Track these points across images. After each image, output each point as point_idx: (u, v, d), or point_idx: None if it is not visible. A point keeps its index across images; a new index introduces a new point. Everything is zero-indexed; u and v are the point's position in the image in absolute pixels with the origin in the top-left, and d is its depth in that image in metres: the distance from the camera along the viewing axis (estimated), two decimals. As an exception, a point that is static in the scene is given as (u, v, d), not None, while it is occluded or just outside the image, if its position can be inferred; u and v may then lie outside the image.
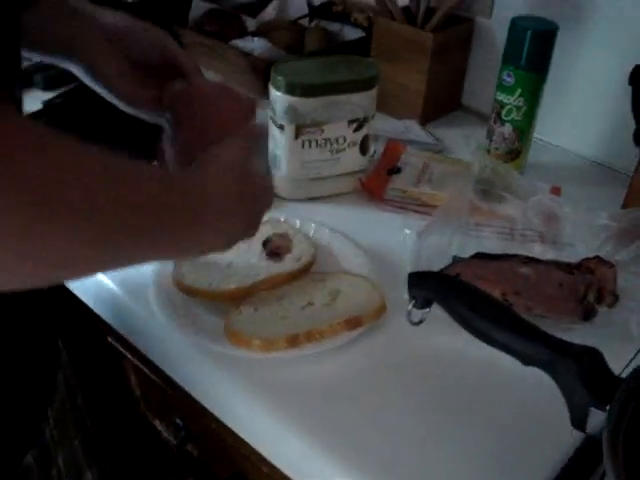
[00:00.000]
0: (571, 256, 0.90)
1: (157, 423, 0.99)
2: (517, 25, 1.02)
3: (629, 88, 0.90)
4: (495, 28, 1.22)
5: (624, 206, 0.99)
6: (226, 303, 0.80)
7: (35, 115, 1.15)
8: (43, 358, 0.76)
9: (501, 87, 1.06)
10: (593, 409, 0.54)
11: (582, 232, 0.95)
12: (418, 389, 0.74)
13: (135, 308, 0.83)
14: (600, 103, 1.15)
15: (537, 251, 0.92)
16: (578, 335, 0.79)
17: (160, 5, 1.53)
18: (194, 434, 0.91)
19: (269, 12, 1.49)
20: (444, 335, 0.74)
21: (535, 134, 1.12)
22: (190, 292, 0.80)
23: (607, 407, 0.53)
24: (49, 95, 1.24)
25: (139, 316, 0.82)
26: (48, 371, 0.78)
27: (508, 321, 0.59)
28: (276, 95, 0.95)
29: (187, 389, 0.81)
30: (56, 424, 0.77)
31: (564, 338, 0.59)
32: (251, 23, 1.44)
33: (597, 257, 0.89)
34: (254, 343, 0.74)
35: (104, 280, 0.86)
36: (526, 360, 0.58)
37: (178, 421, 0.92)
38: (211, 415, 0.80)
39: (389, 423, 0.70)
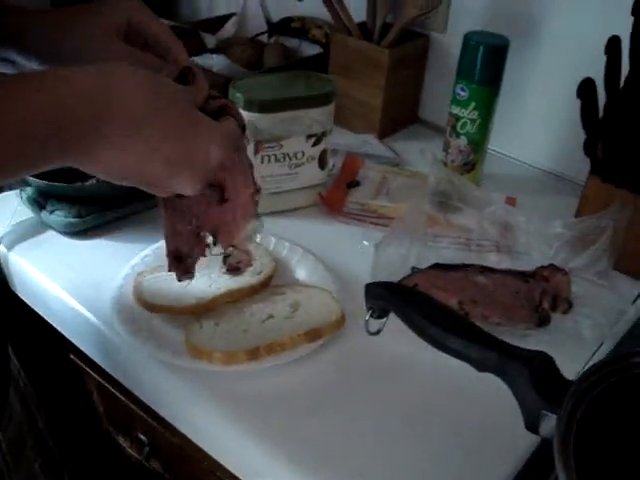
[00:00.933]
0: (526, 265, 0.93)
1: (121, 439, 0.99)
2: (470, 40, 1.05)
3: (578, 100, 0.93)
4: (450, 43, 1.25)
5: (577, 214, 1.02)
6: (187, 317, 0.80)
7: None
8: None
9: (455, 101, 1.09)
10: (546, 412, 0.56)
11: (537, 241, 0.97)
12: (378, 398, 0.75)
13: (96, 324, 0.83)
14: (552, 114, 1.18)
15: (493, 260, 0.95)
16: (534, 341, 0.82)
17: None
18: (158, 449, 0.92)
19: (228, 29, 1.51)
20: (402, 344, 0.75)
21: (490, 146, 1.15)
22: (151, 307, 0.80)
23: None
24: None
25: (100, 332, 0.82)
26: None
27: (460, 328, 0.61)
28: (234, 111, 0.96)
29: (150, 404, 0.82)
30: (10, 448, 0.76)
31: (520, 344, 0.60)
32: (210, 40, 1.45)
33: (551, 265, 0.91)
34: (215, 356, 0.74)
35: (65, 297, 0.86)
36: (479, 366, 0.59)
37: (142, 436, 0.92)
38: (174, 429, 0.80)
39: (351, 432, 0.71)
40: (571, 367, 0.65)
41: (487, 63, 1.05)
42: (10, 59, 0.71)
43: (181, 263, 0.72)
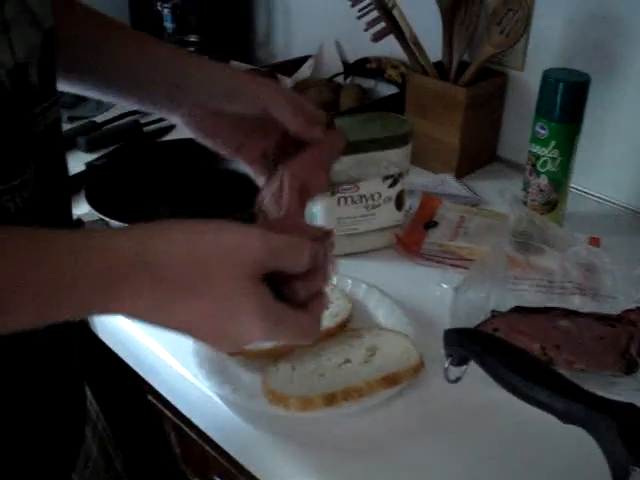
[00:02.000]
0: (612, 308, 0.89)
1: (197, 482, 0.99)
2: (549, 78, 1.03)
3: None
4: (528, 80, 1.23)
5: (664, 256, 0.98)
6: (263, 361, 0.80)
7: (78, 176, 1.18)
8: (68, 411, 0.75)
9: (535, 139, 1.07)
10: (635, 469, 0.53)
11: (622, 283, 0.94)
12: (457, 447, 0.73)
13: (174, 366, 0.84)
14: (636, 151, 1.14)
15: (577, 303, 0.91)
16: (621, 389, 0.79)
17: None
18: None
19: (304, 71, 1.52)
20: (483, 392, 0.74)
21: (572, 184, 1.12)
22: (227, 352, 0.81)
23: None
24: (92, 157, 1.28)
25: (178, 374, 0.83)
26: (74, 424, 0.78)
27: (545, 379, 0.58)
28: (311, 154, 0.96)
29: (225, 447, 0.82)
30: None
31: (607, 392, 0.58)
32: (287, 82, 1.47)
33: (638, 308, 0.87)
34: (292, 402, 0.74)
35: (144, 339, 0.87)
36: (565, 418, 0.57)
37: (217, 479, 0.92)
38: (248, 473, 0.79)
39: (429, 482, 0.70)
40: (663, 418, 0.62)
41: (567, 101, 1.03)
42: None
43: None
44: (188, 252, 0.52)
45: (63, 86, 0.71)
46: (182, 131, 0.77)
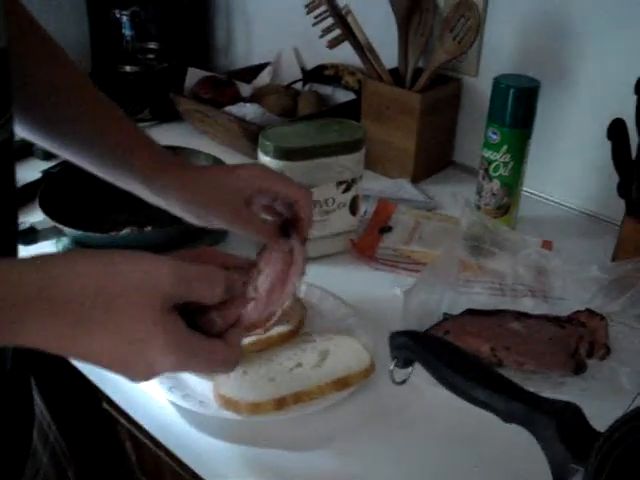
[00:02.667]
0: (562, 310, 0.91)
1: (153, 489, 0.99)
2: (500, 83, 1.05)
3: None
4: (481, 86, 1.25)
5: (614, 258, 1.00)
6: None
7: (33, 184, 1.17)
8: (14, 413, 0.74)
9: (487, 144, 1.08)
10: (575, 466, 0.54)
11: (573, 285, 0.95)
12: (406, 448, 0.74)
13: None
14: (586, 155, 1.16)
15: (528, 306, 0.93)
16: (569, 389, 0.80)
17: (159, 75, 1.57)
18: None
19: (263, 77, 1.53)
20: (431, 394, 0.75)
21: (524, 188, 1.13)
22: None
23: (587, 464, 0.52)
24: (48, 164, 1.27)
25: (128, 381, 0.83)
26: (20, 429, 0.76)
27: (486, 378, 0.59)
28: (265, 160, 0.97)
29: (177, 453, 0.81)
30: None
31: (556, 392, 0.59)
32: (246, 89, 1.48)
33: (588, 310, 0.89)
34: (242, 406, 0.74)
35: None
36: (506, 417, 0.57)
37: (173, 486, 0.91)
38: (202, 479, 0.79)
39: (378, 483, 0.70)
40: (609, 416, 0.63)
41: (518, 106, 1.04)
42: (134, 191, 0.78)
43: None
44: (93, 284, 0.51)
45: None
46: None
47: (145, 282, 0.53)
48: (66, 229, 1.01)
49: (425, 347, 0.63)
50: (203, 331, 0.56)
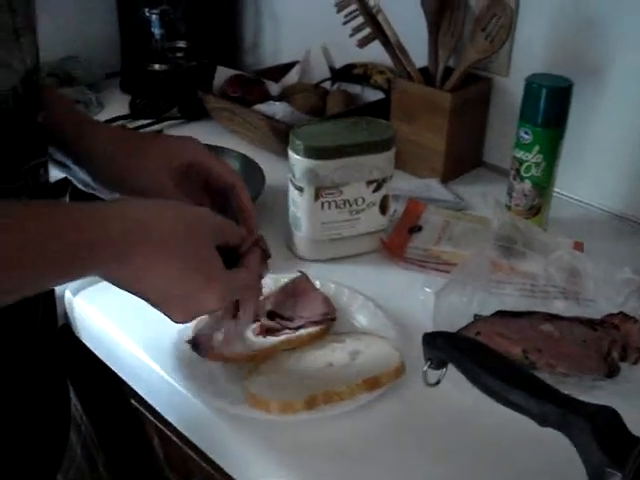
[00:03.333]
0: (594, 312, 0.89)
1: (180, 486, 0.99)
2: (532, 83, 1.04)
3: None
4: (512, 86, 1.23)
5: (647, 260, 0.98)
6: (245, 365, 0.80)
7: (59, 183, 1.18)
8: (53, 413, 0.76)
9: (519, 144, 1.07)
10: (611, 470, 0.53)
11: (605, 287, 0.94)
12: (437, 450, 0.73)
13: (156, 369, 0.83)
14: (620, 156, 1.15)
15: (559, 308, 0.92)
16: (602, 392, 0.79)
17: (188, 73, 1.58)
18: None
19: (292, 76, 1.53)
20: (462, 395, 0.74)
21: (556, 189, 1.12)
22: (209, 355, 0.81)
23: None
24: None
25: (160, 377, 0.83)
26: (58, 426, 0.78)
27: (522, 382, 0.59)
28: (295, 158, 0.97)
29: (206, 450, 0.82)
30: None
31: (588, 396, 0.58)
32: (274, 88, 1.48)
33: (621, 313, 0.88)
34: (272, 405, 0.74)
35: (127, 343, 0.88)
36: (541, 421, 0.57)
37: (200, 483, 0.92)
38: (230, 477, 0.79)
39: (408, 485, 0.70)
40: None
41: (550, 106, 1.03)
42: (66, 164, 0.76)
43: (198, 349, 0.81)
44: (155, 212, 0.60)
45: None
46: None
47: (198, 217, 0.63)
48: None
49: (459, 348, 0.62)
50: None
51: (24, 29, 0.58)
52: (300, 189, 0.97)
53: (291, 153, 0.98)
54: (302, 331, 0.84)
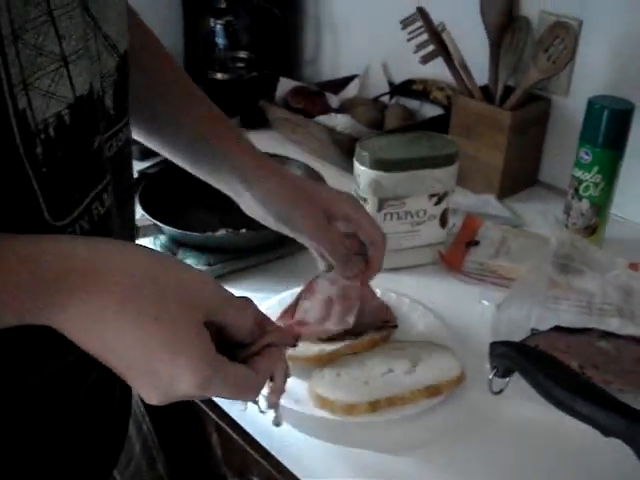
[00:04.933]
0: (650, 332, 0.91)
1: (237, 483, 1.02)
2: (594, 105, 1.05)
3: None
4: (571, 106, 1.25)
5: (703, 282, 0.99)
6: (309, 367, 0.83)
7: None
8: (114, 408, 0.77)
9: (579, 164, 1.09)
10: (674, 482, 0.55)
11: (661, 308, 0.95)
12: (497, 458, 0.75)
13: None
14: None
15: (615, 326, 0.93)
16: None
17: (249, 83, 1.62)
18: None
19: (351, 90, 1.56)
20: (523, 405, 0.76)
21: (612, 210, 1.14)
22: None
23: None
24: (144, 165, 1.32)
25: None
26: (118, 420, 0.79)
27: (588, 392, 0.61)
28: (361, 170, 1.00)
29: (268, 448, 0.84)
30: None
31: (642, 413, 0.60)
32: (334, 100, 1.51)
33: (676, 332, 0.89)
34: (337, 406, 0.76)
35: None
36: (606, 431, 0.59)
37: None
38: (291, 475, 0.82)
39: (468, 490, 0.72)
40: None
41: (612, 127, 1.05)
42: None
43: None
44: (143, 268, 0.51)
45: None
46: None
47: (194, 285, 0.52)
48: (165, 227, 1.05)
49: (526, 358, 0.64)
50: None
51: (76, 54, 0.54)
52: (364, 199, 1.00)
53: (357, 164, 1.01)
54: (364, 337, 0.87)
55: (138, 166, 1.30)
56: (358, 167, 1.00)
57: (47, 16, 0.50)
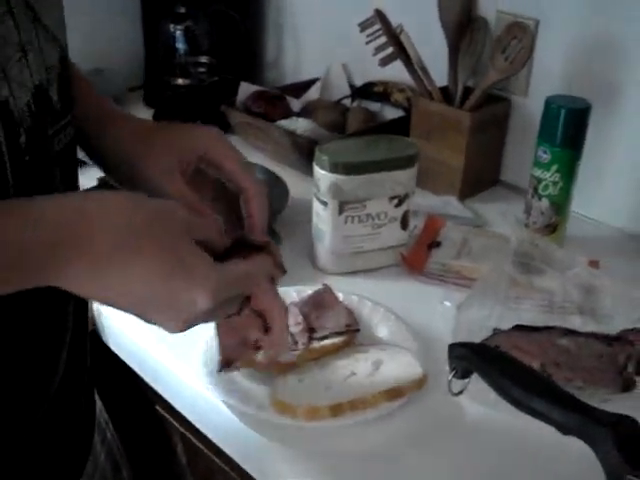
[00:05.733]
0: (610, 328, 0.91)
1: (203, 492, 1.01)
2: (551, 104, 1.06)
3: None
4: (531, 106, 1.26)
5: (662, 278, 1.00)
6: (270, 374, 0.82)
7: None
8: (79, 418, 0.77)
9: (537, 163, 1.10)
10: (632, 478, 0.55)
11: (621, 304, 0.96)
12: (458, 460, 0.75)
13: (183, 376, 0.86)
14: (635, 177, 1.17)
15: (576, 323, 0.94)
16: (617, 406, 0.80)
17: (210, 88, 1.61)
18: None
19: (313, 93, 1.56)
20: (484, 406, 0.76)
21: (573, 207, 1.15)
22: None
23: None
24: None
25: (186, 384, 0.85)
26: (83, 430, 0.79)
27: (545, 390, 0.61)
28: (320, 173, 1.00)
29: (232, 455, 0.84)
30: None
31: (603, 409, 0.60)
32: (296, 104, 1.51)
33: (636, 329, 0.90)
34: (299, 411, 0.76)
35: (153, 347, 0.90)
36: (563, 429, 0.59)
37: (223, 489, 0.94)
38: (255, 482, 0.82)
39: (431, 492, 0.72)
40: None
41: (569, 126, 1.06)
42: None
43: (229, 368, 0.80)
44: (127, 213, 0.52)
45: None
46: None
47: (170, 211, 0.54)
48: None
49: (484, 358, 0.65)
50: None
51: (30, 43, 0.55)
52: (324, 203, 1.00)
53: (316, 168, 1.00)
54: (326, 341, 0.86)
55: (97, 173, 1.28)
56: (318, 171, 1.00)
57: (6, 6, 0.52)
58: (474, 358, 0.65)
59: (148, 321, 0.55)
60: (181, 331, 0.55)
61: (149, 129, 0.73)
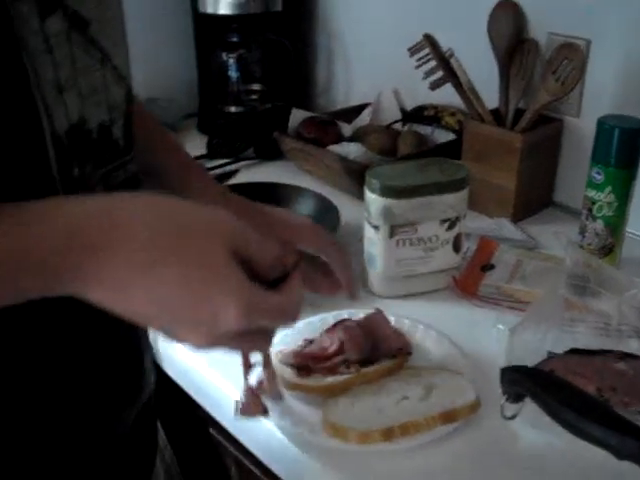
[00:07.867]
0: (669, 352, 0.90)
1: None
2: (604, 124, 1.05)
3: None
4: (583, 127, 1.25)
5: None
6: (323, 396, 0.83)
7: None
8: (142, 441, 0.78)
9: (591, 184, 1.08)
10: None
11: (680, 328, 0.94)
12: (513, 484, 0.75)
13: (235, 399, 0.87)
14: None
15: (633, 347, 0.92)
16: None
17: (262, 115, 1.64)
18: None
19: (364, 118, 1.57)
20: (538, 430, 0.75)
21: (628, 229, 1.13)
22: (289, 385, 0.84)
23: None
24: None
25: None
26: (147, 453, 0.81)
27: (601, 415, 0.60)
28: (371, 197, 1.00)
29: (284, 479, 0.84)
30: None
31: (661, 434, 0.59)
32: (347, 129, 1.52)
33: (696, 352, 0.88)
34: (351, 435, 0.76)
35: (207, 371, 0.91)
36: (619, 454, 0.58)
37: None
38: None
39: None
40: None
41: (623, 146, 1.05)
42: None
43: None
44: (162, 210, 0.51)
45: None
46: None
47: (211, 219, 0.52)
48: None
49: (537, 383, 0.64)
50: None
51: (69, 83, 0.55)
52: (376, 227, 1.01)
53: (367, 192, 1.01)
54: (378, 365, 0.86)
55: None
56: (369, 195, 1.01)
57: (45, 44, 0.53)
58: (526, 382, 0.64)
59: (174, 336, 0.52)
60: (209, 345, 0.52)
61: (247, 208, 0.77)
